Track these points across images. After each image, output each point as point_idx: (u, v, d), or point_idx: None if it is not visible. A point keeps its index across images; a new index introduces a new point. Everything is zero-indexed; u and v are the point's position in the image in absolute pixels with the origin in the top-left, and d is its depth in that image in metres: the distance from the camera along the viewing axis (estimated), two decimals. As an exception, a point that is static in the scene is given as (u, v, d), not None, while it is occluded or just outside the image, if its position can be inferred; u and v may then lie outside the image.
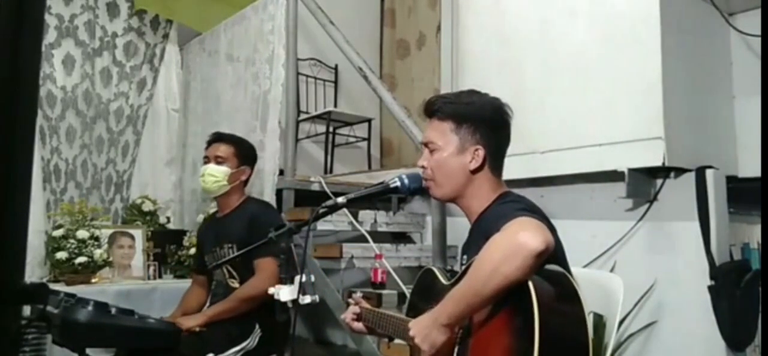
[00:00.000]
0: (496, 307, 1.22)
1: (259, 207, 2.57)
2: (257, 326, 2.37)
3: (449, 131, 1.48)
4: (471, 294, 1.21)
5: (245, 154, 2.59)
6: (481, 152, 1.45)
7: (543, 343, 1.10)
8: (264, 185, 3.04)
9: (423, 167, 1.53)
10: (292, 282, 1.49)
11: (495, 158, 1.48)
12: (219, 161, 2.52)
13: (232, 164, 2.53)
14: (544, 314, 1.12)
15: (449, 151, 1.47)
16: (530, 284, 1.14)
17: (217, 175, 2.50)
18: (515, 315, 1.18)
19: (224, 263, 2.43)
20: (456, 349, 1.33)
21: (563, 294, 1.21)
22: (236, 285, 2.43)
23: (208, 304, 2.59)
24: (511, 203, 1.38)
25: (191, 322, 2.33)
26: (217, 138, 2.61)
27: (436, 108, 1.51)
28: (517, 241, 1.14)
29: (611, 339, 1.77)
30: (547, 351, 1.11)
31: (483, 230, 1.35)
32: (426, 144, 1.53)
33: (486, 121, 1.47)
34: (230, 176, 2.52)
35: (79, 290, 2.60)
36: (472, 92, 1.53)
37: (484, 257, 1.19)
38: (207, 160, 2.56)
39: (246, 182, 2.62)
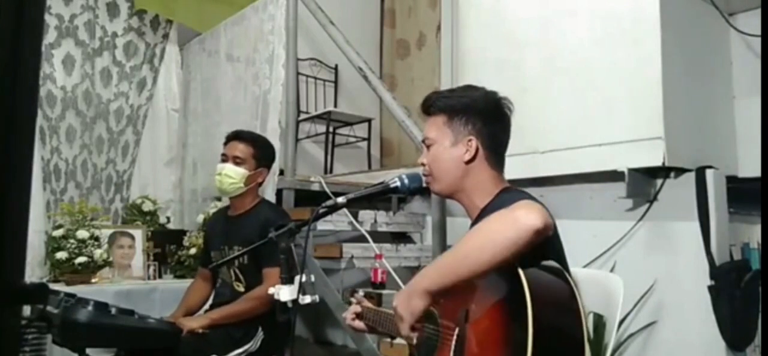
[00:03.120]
0: (490, 303, 1.21)
1: (273, 213, 2.49)
2: (260, 329, 2.37)
3: (443, 125, 1.49)
4: (460, 262, 1.20)
5: (264, 155, 2.52)
6: (474, 143, 1.46)
7: (537, 337, 1.10)
8: (264, 185, 3.03)
9: (422, 164, 1.54)
10: (292, 282, 1.49)
11: (491, 150, 1.48)
12: (237, 161, 2.44)
13: (250, 165, 2.46)
14: (538, 311, 1.12)
15: (444, 144, 1.48)
16: (523, 280, 1.14)
17: (233, 177, 2.43)
18: (510, 313, 1.18)
19: (227, 262, 2.41)
20: (452, 348, 1.33)
21: (558, 290, 1.21)
22: (242, 289, 2.41)
23: (211, 302, 2.59)
24: (512, 197, 1.38)
25: (194, 324, 2.32)
26: (236, 136, 2.52)
27: (430, 104, 1.53)
28: (516, 215, 1.15)
29: (611, 339, 1.78)
30: (541, 345, 1.10)
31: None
32: (424, 141, 1.55)
33: (479, 112, 1.47)
34: (247, 178, 2.45)
35: (79, 290, 2.60)
36: (468, 87, 1.55)
37: (479, 229, 1.20)
38: (225, 158, 2.47)
39: (261, 183, 2.56)
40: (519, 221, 1.13)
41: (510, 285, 1.15)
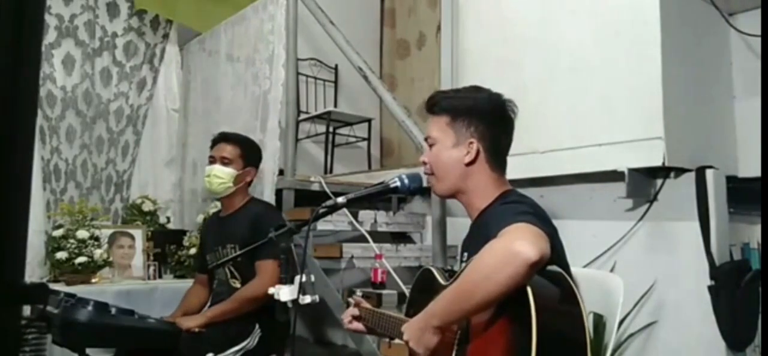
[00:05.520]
0: (494, 308, 1.21)
1: (263, 208, 2.57)
2: (257, 326, 2.38)
3: (446, 125, 1.49)
4: (463, 299, 1.21)
5: (251, 155, 2.58)
6: (475, 146, 1.46)
7: (541, 344, 1.10)
8: (264, 185, 3.04)
9: (424, 162, 1.55)
10: (292, 282, 1.49)
11: (493, 152, 1.48)
12: (225, 162, 2.50)
13: (237, 165, 2.51)
14: (542, 316, 1.12)
15: (446, 145, 1.49)
16: (528, 285, 1.14)
17: (222, 177, 2.48)
18: (513, 317, 1.18)
19: (224, 263, 2.44)
20: (454, 351, 1.33)
21: (561, 295, 1.21)
22: (238, 285, 2.43)
23: (209, 303, 2.59)
24: (512, 205, 1.38)
25: (191, 322, 2.33)
26: (223, 138, 2.58)
27: (434, 103, 1.53)
28: (512, 249, 1.14)
29: (611, 339, 1.77)
30: (544, 350, 1.11)
31: (483, 229, 1.36)
32: (426, 140, 1.55)
33: (482, 115, 1.47)
34: (236, 178, 2.50)
35: (79, 290, 2.60)
36: (473, 88, 1.54)
37: (477, 264, 1.19)
38: (212, 160, 2.53)
39: (250, 182, 2.61)
40: (516, 257, 1.12)
41: (515, 292, 1.15)
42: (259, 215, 2.44)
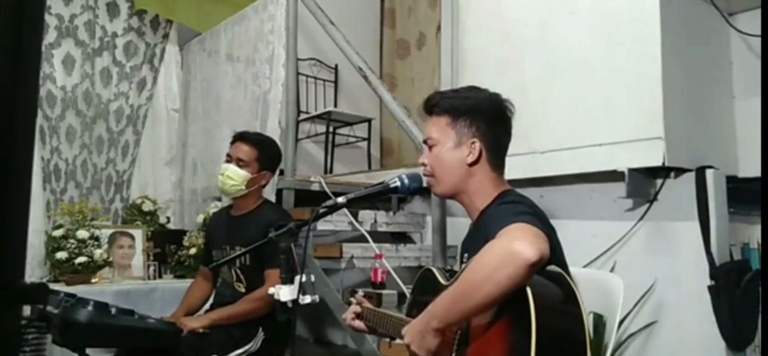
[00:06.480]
0: (493, 309, 1.21)
1: (276, 215, 2.46)
2: (260, 329, 2.37)
3: (446, 126, 1.49)
4: (463, 300, 1.20)
5: (268, 158, 2.49)
6: (478, 145, 1.46)
7: (540, 345, 1.10)
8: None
9: (423, 164, 1.54)
10: (292, 282, 1.49)
11: (493, 152, 1.48)
12: (240, 163, 2.42)
13: (252, 168, 2.43)
14: (541, 316, 1.12)
15: (447, 145, 1.48)
16: (527, 286, 1.14)
17: (235, 179, 2.42)
18: (513, 318, 1.18)
19: (227, 262, 2.42)
20: (454, 352, 1.33)
21: (561, 295, 1.21)
22: (243, 289, 2.42)
23: (211, 301, 2.58)
24: (511, 205, 1.37)
25: (195, 324, 2.32)
26: (241, 137, 2.50)
27: (433, 104, 1.52)
28: (512, 250, 1.14)
29: (611, 339, 1.77)
30: (544, 351, 1.11)
31: (483, 230, 1.35)
32: (426, 141, 1.54)
33: (483, 114, 1.47)
34: (249, 181, 2.43)
35: (79, 290, 2.60)
36: (471, 88, 1.54)
37: (477, 264, 1.19)
38: (229, 159, 2.46)
39: (264, 185, 2.54)
40: (516, 258, 1.12)
41: (514, 292, 1.15)
42: (271, 222, 2.34)
